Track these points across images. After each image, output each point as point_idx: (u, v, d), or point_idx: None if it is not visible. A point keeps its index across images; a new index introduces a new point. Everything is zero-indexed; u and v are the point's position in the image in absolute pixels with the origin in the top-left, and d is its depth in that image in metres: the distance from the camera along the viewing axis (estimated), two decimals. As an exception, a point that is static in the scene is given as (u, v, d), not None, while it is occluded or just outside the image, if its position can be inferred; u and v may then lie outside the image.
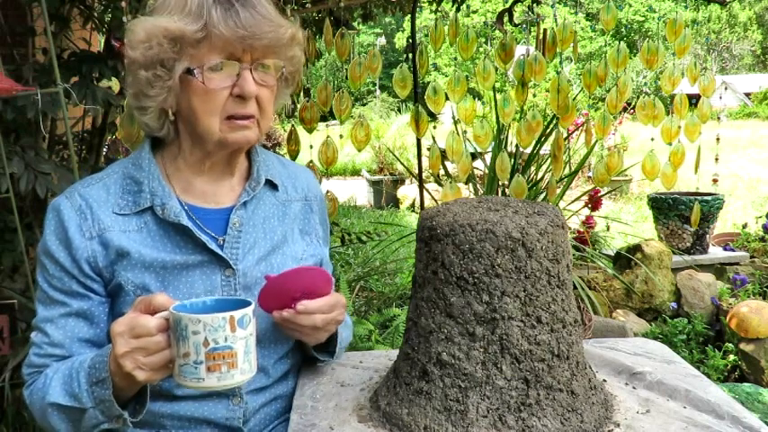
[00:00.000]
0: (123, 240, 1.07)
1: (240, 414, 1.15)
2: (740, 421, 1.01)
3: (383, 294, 3.77)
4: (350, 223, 6.69)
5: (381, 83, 19.22)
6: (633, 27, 29.47)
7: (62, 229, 1.07)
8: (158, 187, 1.10)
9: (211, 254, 1.10)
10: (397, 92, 2.18)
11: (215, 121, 1.06)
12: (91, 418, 1.01)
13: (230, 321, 0.87)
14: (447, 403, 0.98)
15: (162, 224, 1.10)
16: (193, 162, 1.13)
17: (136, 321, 0.91)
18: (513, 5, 2.57)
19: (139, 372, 0.92)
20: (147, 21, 1.04)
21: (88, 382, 0.99)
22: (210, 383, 0.88)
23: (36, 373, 1.08)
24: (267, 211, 1.19)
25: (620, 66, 2.25)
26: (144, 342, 0.91)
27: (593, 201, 3.80)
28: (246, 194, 1.16)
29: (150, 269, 1.08)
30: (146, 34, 1.02)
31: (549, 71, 2.43)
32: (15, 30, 2.19)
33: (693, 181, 2.46)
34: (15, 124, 1.89)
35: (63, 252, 1.07)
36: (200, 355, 0.86)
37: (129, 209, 1.09)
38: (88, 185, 1.12)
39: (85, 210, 1.08)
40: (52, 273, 1.08)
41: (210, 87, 1.04)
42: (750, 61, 34.45)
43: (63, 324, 1.08)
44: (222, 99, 1.05)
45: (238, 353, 0.88)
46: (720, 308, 3.33)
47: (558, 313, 1.00)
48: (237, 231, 1.14)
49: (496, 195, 2.84)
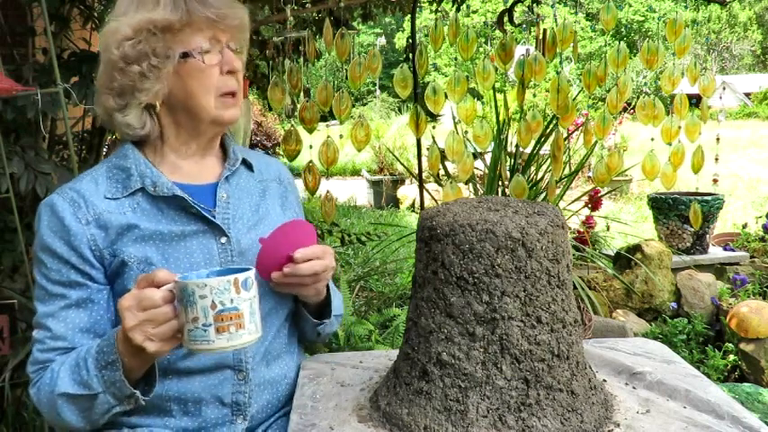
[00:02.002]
0: (122, 219, 1.12)
1: (246, 389, 1.18)
2: (740, 421, 1.01)
3: (383, 294, 3.77)
4: (350, 223, 6.68)
5: (381, 83, 19.20)
6: (633, 27, 29.48)
7: (57, 221, 1.10)
8: (146, 170, 1.15)
9: (206, 223, 1.16)
10: (397, 92, 2.18)
11: (210, 100, 1.15)
12: (102, 403, 1.03)
13: (234, 284, 0.91)
14: (447, 403, 0.98)
15: (154, 201, 1.15)
16: (179, 146, 1.20)
17: (142, 295, 0.94)
18: (514, 6, 2.57)
19: (149, 343, 0.95)
20: (128, 19, 1.10)
21: (97, 366, 1.02)
22: (220, 344, 0.92)
23: (41, 369, 1.09)
24: (248, 188, 1.27)
25: (620, 66, 2.25)
26: (152, 314, 0.94)
27: (593, 201, 3.80)
28: (228, 170, 1.23)
29: (151, 242, 1.12)
30: (132, 30, 1.09)
31: (549, 71, 2.43)
32: (15, 30, 2.19)
33: (693, 181, 2.46)
34: (15, 124, 1.89)
35: (59, 242, 1.09)
36: (209, 318, 0.91)
37: (119, 193, 1.14)
38: (76, 181, 1.16)
39: (78, 199, 1.12)
40: (50, 266, 1.10)
41: (209, 65, 1.13)
42: (750, 61, 34.45)
43: (64, 317, 1.10)
44: (215, 77, 1.14)
45: (244, 314, 0.93)
46: (720, 308, 3.33)
47: (558, 313, 1.00)
48: (226, 203, 1.20)
49: (496, 195, 2.84)
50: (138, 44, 1.09)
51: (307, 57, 2.15)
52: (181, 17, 1.09)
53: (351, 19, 3.35)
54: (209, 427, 1.17)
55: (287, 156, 2.19)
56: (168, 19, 1.09)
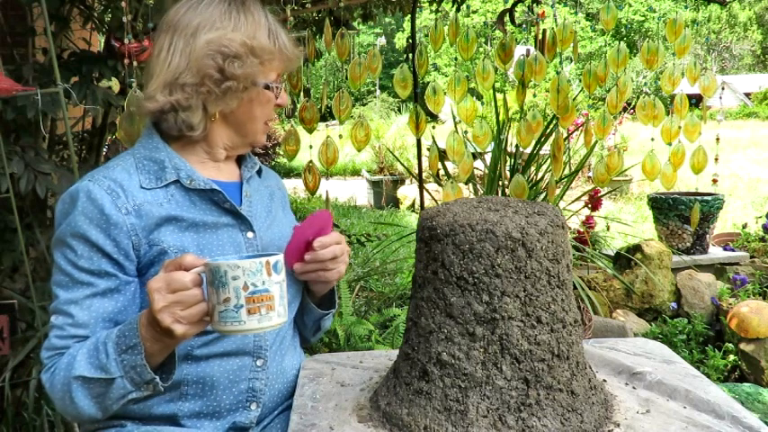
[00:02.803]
0: (161, 210, 1.14)
1: (263, 376, 1.20)
2: (740, 421, 1.01)
3: (383, 294, 3.77)
4: (350, 223, 6.68)
5: (381, 83, 19.21)
6: (633, 27, 29.48)
7: (94, 209, 1.09)
8: (180, 163, 1.18)
9: (235, 217, 1.21)
10: (397, 92, 2.18)
11: (261, 126, 1.26)
12: (118, 388, 1.03)
13: (266, 266, 0.94)
14: (447, 403, 0.98)
15: (187, 194, 1.18)
16: (214, 150, 1.24)
17: (172, 277, 0.95)
18: (515, 6, 2.57)
19: (178, 325, 0.95)
20: (232, 34, 1.15)
21: (117, 350, 1.02)
22: (251, 326, 0.93)
23: (57, 355, 1.09)
24: (260, 190, 1.33)
25: (620, 66, 2.25)
26: (181, 296, 0.95)
27: (593, 201, 3.80)
28: (248, 172, 1.30)
29: (187, 232, 1.15)
30: (239, 49, 1.15)
31: (549, 71, 2.43)
32: (15, 30, 2.19)
33: (693, 181, 2.46)
34: (15, 124, 1.89)
35: (95, 230, 1.09)
36: (241, 299, 0.92)
37: (153, 183, 1.16)
38: (108, 169, 1.16)
39: (116, 188, 1.12)
40: (80, 253, 1.09)
41: (279, 102, 1.25)
42: (750, 61, 34.44)
43: (89, 305, 1.09)
44: (272, 108, 1.26)
45: (275, 296, 0.95)
46: (720, 308, 3.33)
47: (558, 313, 1.00)
48: (249, 201, 1.26)
49: (496, 195, 2.84)
50: (242, 66, 1.15)
51: (307, 57, 2.15)
52: (275, 50, 1.19)
53: (351, 19, 3.35)
54: (222, 412, 1.18)
55: (287, 156, 2.19)
56: (272, 50, 1.19)
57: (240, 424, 1.20)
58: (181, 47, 1.15)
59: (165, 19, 1.20)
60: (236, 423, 1.19)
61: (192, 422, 1.17)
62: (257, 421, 1.23)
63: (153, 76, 1.17)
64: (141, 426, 1.15)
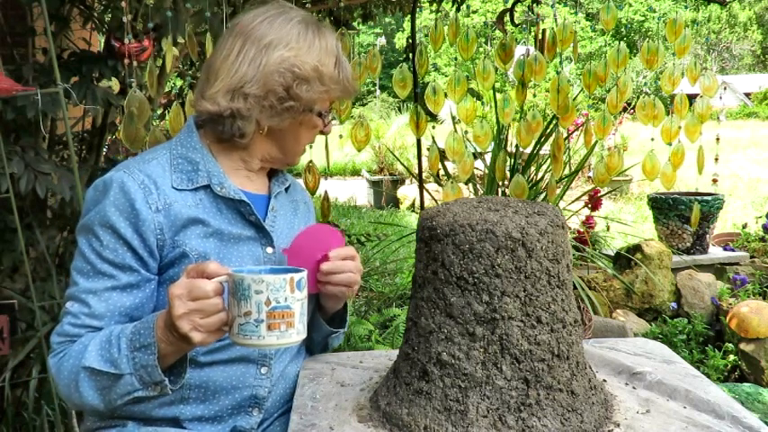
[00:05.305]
0: (190, 212, 1.14)
1: (267, 383, 1.20)
2: (740, 421, 1.01)
3: (383, 294, 3.77)
4: (350, 223, 6.68)
5: (381, 83, 19.15)
6: (633, 27, 29.47)
7: (126, 201, 1.09)
8: (214, 168, 1.17)
9: (258, 230, 1.20)
10: (397, 92, 2.18)
11: (302, 149, 1.27)
12: (126, 384, 1.02)
13: (290, 282, 0.93)
14: (447, 403, 0.98)
15: (216, 201, 1.17)
16: (252, 160, 1.24)
17: (193, 284, 0.94)
18: (515, 6, 2.57)
19: (196, 333, 0.95)
20: (304, 56, 1.15)
21: (130, 347, 1.01)
22: (270, 341, 0.93)
23: (68, 342, 1.08)
24: (286, 205, 1.32)
25: (620, 66, 2.25)
26: (201, 304, 0.94)
27: (593, 201, 3.80)
28: (277, 187, 1.29)
29: (211, 238, 1.15)
30: (310, 73, 1.15)
31: (549, 71, 2.43)
32: (15, 30, 2.19)
33: (693, 181, 2.46)
34: (15, 124, 1.89)
35: (124, 223, 1.08)
36: (262, 314, 0.91)
37: (185, 185, 1.15)
38: (143, 162, 1.15)
39: (150, 184, 1.12)
40: (105, 243, 1.09)
41: (324, 130, 1.27)
42: (750, 61, 34.43)
43: (107, 297, 1.09)
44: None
45: (296, 313, 0.94)
46: (720, 308, 3.32)
47: (558, 313, 1.00)
48: (274, 215, 1.25)
49: (496, 195, 2.84)
50: (309, 90, 1.15)
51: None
52: (339, 79, 1.20)
53: (351, 19, 3.35)
54: (224, 417, 1.18)
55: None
56: (338, 80, 1.19)
57: (241, 428, 1.20)
58: (251, 56, 1.14)
59: (237, 23, 1.18)
60: (237, 427, 1.19)
61: (194, 425, 1.17)
62: (261, 422, 1.23)
63: (217, 78, 1.15)
64: (143, 426, 1.15)
